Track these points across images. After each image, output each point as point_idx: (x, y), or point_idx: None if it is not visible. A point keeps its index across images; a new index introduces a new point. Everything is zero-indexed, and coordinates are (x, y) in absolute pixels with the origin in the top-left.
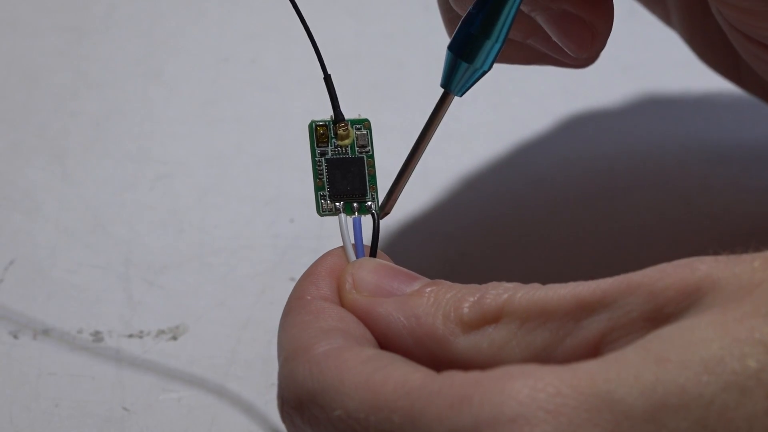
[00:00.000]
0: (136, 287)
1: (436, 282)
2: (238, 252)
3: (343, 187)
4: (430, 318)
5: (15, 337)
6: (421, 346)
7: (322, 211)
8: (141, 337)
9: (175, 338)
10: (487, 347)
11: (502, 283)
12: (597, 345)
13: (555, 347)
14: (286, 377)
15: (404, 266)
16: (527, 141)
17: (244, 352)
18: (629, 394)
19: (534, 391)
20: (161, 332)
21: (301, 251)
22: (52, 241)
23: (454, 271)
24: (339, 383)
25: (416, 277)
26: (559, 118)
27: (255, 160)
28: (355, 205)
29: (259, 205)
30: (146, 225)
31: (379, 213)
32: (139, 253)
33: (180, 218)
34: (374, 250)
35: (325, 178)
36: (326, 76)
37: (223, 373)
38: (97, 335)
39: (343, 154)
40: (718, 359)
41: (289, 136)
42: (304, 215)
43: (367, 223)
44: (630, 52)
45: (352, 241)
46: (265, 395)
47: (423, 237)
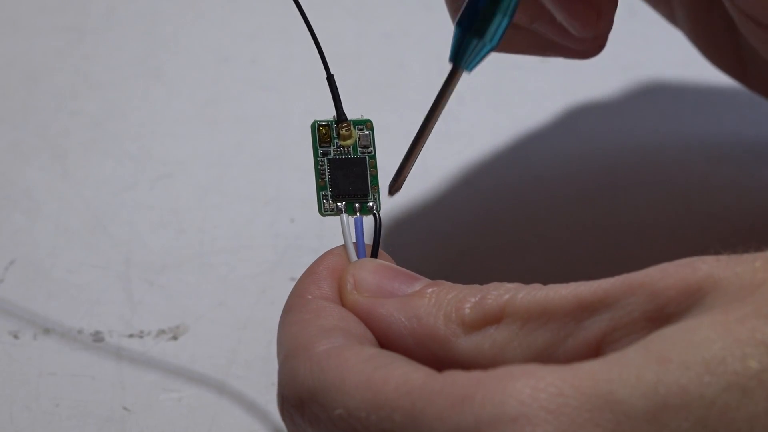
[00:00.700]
0: (136, 287)
1: (438, 282)
2: (238, 252)
3: (345, 188)
4: (432, 318)
5: (15, 337)
6: (423, 347)
7: (324, 211)
8: (141, 337)
9: (175, 338)
10: (489, 348)
11: (503, 284)
12: (598, 345)
13: (556, 347)
14: (286, 375)
15: (404, 266)
16: (527, 140)
17: (244, 352)
18: (631, 395)
19: (535, 391)
20: (161, 332)
21: (301, 251)
22: (52, 241)
23: (455, 270)
24: (340, 382)
25: (417, 278)
26: (560, 117)
27: (255, 160)
28: (357, 206)
29: (259, 205)
30: (146, 225)
31: (390, 191)
32: (139, 253)
33: (180, 218)
34: (375, 250)
35: (327, 178)
36: (329, 77)
37: (224, 373)
38: (98, 335)
39: (346, 154)
40: (720, 360)
41: (289, 136)
42: (305, 215)
43: (369, 224)
44: (630, 51)
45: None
46: (266, 395)
47: (423, 236)
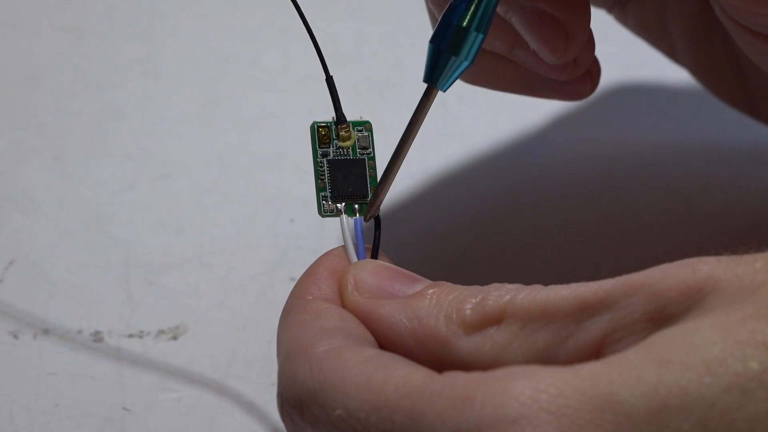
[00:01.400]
0: (136, 287)
1: (438, 284)
2: (238, 252)
3: (345, 189)
4: (432, 319)
5: (15, 337)
6: (423, 348)
7: (323, 212)
8: (141, 337)
9: (175, 338)
10: (489, 349)
11: (504, 285)
12: (599, 346)
13: (557, 348)
14: (286, 376)
15: (404, 266)
16: (527, 141)
17: (244, 352)
18: (631, 396)
19: (536, 392)
20: (161, 332)
21: (301, 251)
22: (52, 241)
23: (455, 271)
24: (340, 382)
25: (418, 279)
26: (559, 118)
27: (255, 160)
28: (357, 207)
29: (259, 205)
30: (146, 225)
31: (365, 217)
32: (139, 253)
33: (180, 218)
34: (375, 251)
35: (326, 180)
36: (328, 78)
37: (223, 373)
38: (97, 335)
39: (345, 155)
40: (720, 361)
41: (289, 136)
42: (305, 215)
43: (368, 224)
44: (629, 52)
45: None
46: (265, 395)
47: (423, 237)
